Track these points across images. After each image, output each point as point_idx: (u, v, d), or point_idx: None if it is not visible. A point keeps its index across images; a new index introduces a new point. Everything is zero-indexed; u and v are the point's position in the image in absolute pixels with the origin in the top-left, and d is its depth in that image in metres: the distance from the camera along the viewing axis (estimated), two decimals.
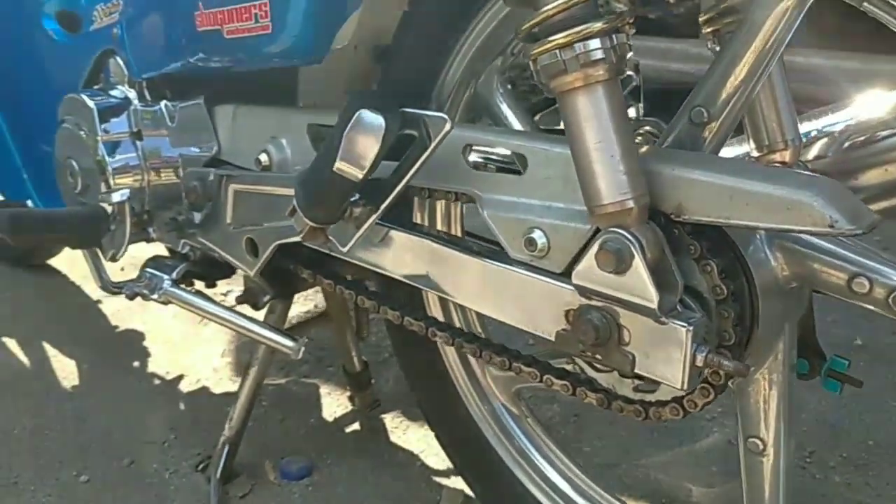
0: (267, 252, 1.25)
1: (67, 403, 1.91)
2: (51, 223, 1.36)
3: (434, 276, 1.07)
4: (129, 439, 1.78)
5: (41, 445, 1.77)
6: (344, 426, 1.82)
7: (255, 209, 1.25)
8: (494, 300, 1.01)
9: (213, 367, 2.05)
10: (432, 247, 1.06)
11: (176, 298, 1.47)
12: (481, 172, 1.02)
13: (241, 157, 1.32)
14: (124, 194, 1.39)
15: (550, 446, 1.30)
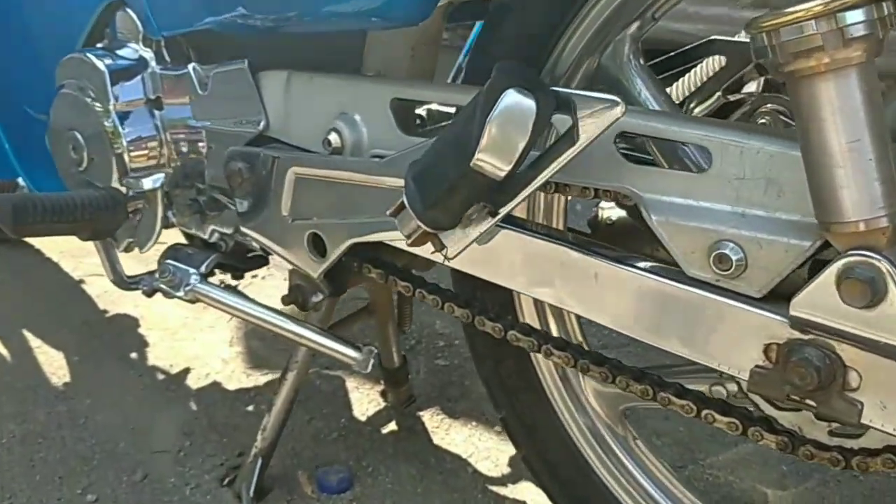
0: (338, 252, 1.04)
1: (60, 405, 1.67)
2: (61, 212, 1.12)
3: (569, 291, 0.88)
4: (138, 448, 1.56)
5: (35, 457, 1.54)
6: (379, 426, 1.63)
7: (324, 200, 1.04)
8: (659, 326, 0.82)
9: (221, 358, 1.83)
10: (571, 256, 0.86)
11: (207, 297, 1.25)
12: (643, 168, 0.83)
13: (300, 136, 1.09)
14: (158, 179, 1.16)
15: (664, 473, 1.13)
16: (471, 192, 0.79)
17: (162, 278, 1.28)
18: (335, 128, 1.03)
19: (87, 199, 1.15)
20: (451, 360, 1.83)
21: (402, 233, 0.85)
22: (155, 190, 1.18)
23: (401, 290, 1.09)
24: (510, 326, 1.01)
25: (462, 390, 1.73)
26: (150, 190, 1.17)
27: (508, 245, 0.90)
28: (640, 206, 0.82)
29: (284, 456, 1.49)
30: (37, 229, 1.10)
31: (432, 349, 1.86)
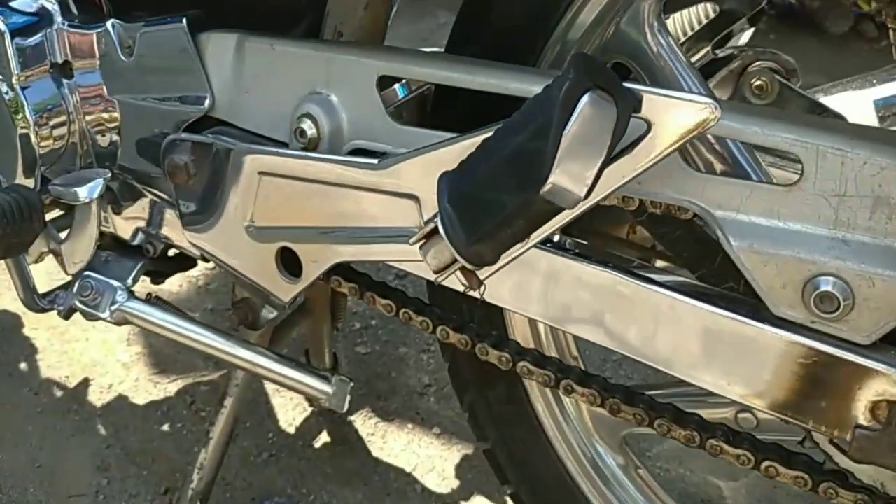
0: (317, 273, 0.87)
1: None
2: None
3: (622, 328, 0.74)
4: (51, 493, 1.34)
5: None
6: (311, 440, 1.47)
7: (299, 206, 0.86)
8: (733, 373, 0.70)
9: (121, 363, 1.61)
10: (629, 287, 0.73)
11: (139, 318, 1.04)
12: (714, 178, 0.70)
13: (261, 121, 0.90)
14: (95, 188, 0.94)
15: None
16: (533, 222, 0.64)
17: (82, 296, 1.05)
18: (308, 113, 0.84)
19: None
20: (373, 346, 1.67)
21: (430, 265, 0.69)
22: (90, 202, 0.96)
23: (381, 308, 0.93)
24: (520, 357, 0.87)
25: (390, 384, 1.59)
26: (86, 201, 0.94)
27: (546, 272, 0.76)
28: (712, 227, 0.69)
29: (215, 489, 1.29)
30: None
31: (349, 333, 1.70)
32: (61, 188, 0.95)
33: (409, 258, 0.78)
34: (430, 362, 1.63)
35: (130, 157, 1.01)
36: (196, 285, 1.82)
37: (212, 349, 1.01)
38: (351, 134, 0.84)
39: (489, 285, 0.71)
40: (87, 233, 0.99)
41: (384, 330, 1.71)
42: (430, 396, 1.56)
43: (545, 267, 0.76)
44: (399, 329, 1.71)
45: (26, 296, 1.11)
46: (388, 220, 0.79)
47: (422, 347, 1.67)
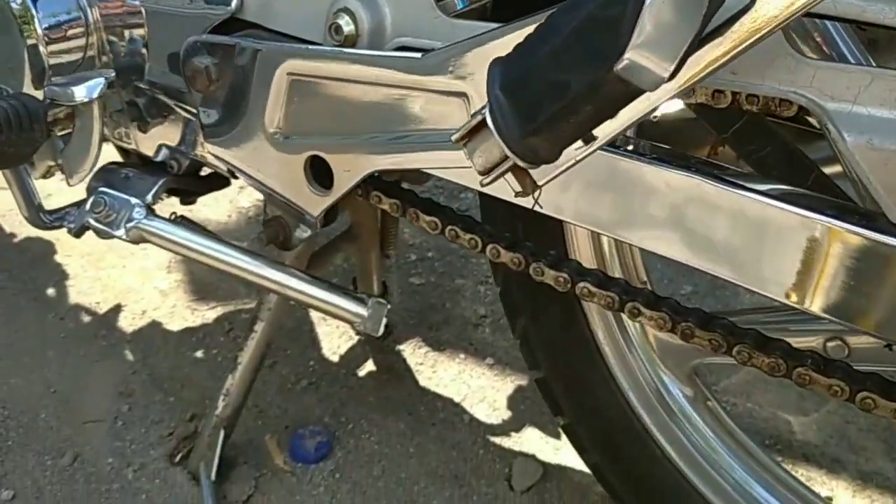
0: (351, 183, 0.78)
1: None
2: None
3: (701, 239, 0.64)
4: (64, 419, 1.27)
5: None
6: (355, 368, 1.39)
7: (331, 111, 0.76)
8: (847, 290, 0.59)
9: (159, 290, 1.54)
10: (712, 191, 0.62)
11: (158, 236, 0.97)
12: (829, 64, 0.58)
13: (292, 20, 0.80)
14: (94, 87, 0.85)
15: (744, 442, 0.94)
16: (602, 109, 0.53)
17: (94, 213, 0.98)
18: (345, 7, 0.74)
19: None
20: (428, 278, 1.59)
21: (476, 165, 0.59)
22: (91, 102, 0.87)
23: (425, 225, 0.84)
24: (580, 277, 0.77)
25: (444, 315, 1.50)
26: (84, 100, 0.86)
27: (616, 178, 0.65)
28: (822, 122, 0.58)
29: (246, 415, 1.23)
30: None
31: (404, 265, 1.61)
32: (58, 88, 0.86)
33: (452, 164, 0.68)
34: (487, 294, 1.55)
35: (158, 70, 0.93)
36: (246, 216, 1.74)
37: (237, 269, 0.93)
38: (395, 30, 0.74)
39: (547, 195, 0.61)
40: (87, 138, 0.91)
41: (441, 262, 1.62)
42: (486, 328, 1.48)
43: (615, 172, 0.65)
44: (456, 262, 1.62)
45: (30, 213, 1.04)
46: (430, 123, 0.70)
47: (480, 279, 1.58)
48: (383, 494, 1.18)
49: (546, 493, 1.18)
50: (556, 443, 1.26)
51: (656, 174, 0.64)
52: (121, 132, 1.02)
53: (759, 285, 0.62)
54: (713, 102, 0.62)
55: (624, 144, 0.69)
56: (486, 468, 1.22)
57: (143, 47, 0.94)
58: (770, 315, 0.88)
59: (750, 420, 1.29)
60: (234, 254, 0.93)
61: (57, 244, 1.63)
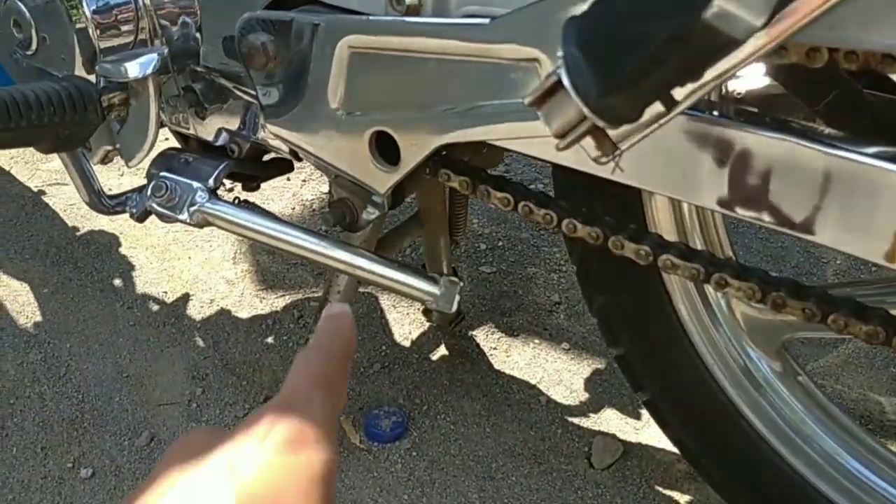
0: (418, 158, 0.76)
1: (32, 353, 1.39)
2: (8, 116, 0.80)
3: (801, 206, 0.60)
4: (139, 402, 1.30)
5: (7, 424, 1.27)
6: (428, 353, 1.38)
7: (395, 84, 0.74)
8: None
9: (226, 279, 1.55)
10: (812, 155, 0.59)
11: (221, 219, 0.97)
12: None
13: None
14: (148, 63, 0.85)
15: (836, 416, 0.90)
16: (689, 62, 0.50)
17: (156, 197, 0.98)
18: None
19: (45, 96, 0.83)
20: (499, 266, 1.57)
21: (551, 129, 0.56)
22: (145, 78, 0.87)
23: (497, 202, 0.81)
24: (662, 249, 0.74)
25: (516, 301, 1.48)
26: (136, 79, 0.85)
27: (701, 144, 0.62)
28: None
29: None
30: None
31: (474, 254, 1.60)
32: (110, 66, 0.86)
33: (525, 134, 0.66)
34: (560, 281, 1.52)
35: (212, 52, 0.92)
36: (310, 209, 1.74)
37: (305, 250, 0.93)
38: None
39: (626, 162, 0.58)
40: (144, 118, 0.91)
41: (511, 251, 1.60)
42: (560, 313, 1.45)
43: (700, 136, 0.62)
44: (527, 251, 1.60)
45: (90, 197, 1.05)
46: (500, 93, 0.67)
47: (552, 267, 1.55)
48: (461, 471, 1.17)
49: (627, 469, 1.17)
50: (636, 423, 1.24)
51: (747, 138, 0.60)
52: (178, 118, 1.02)
53: (863, 251, 0.58)
54: (807, 62, 0.58)
55: (708, 108, 0.65)
56: (564, 446, 1.21)
57: (197, 29, 0.94)
58: (863, 289, 0.84)
59: (840, 401, 1.25)
60: (301, 235, 0.93)
61: (122, 237, 1.65)
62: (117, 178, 1.82)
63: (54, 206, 1.76)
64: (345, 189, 0.95)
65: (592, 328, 1.41)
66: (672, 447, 1.07)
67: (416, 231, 1.22)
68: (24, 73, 1.00)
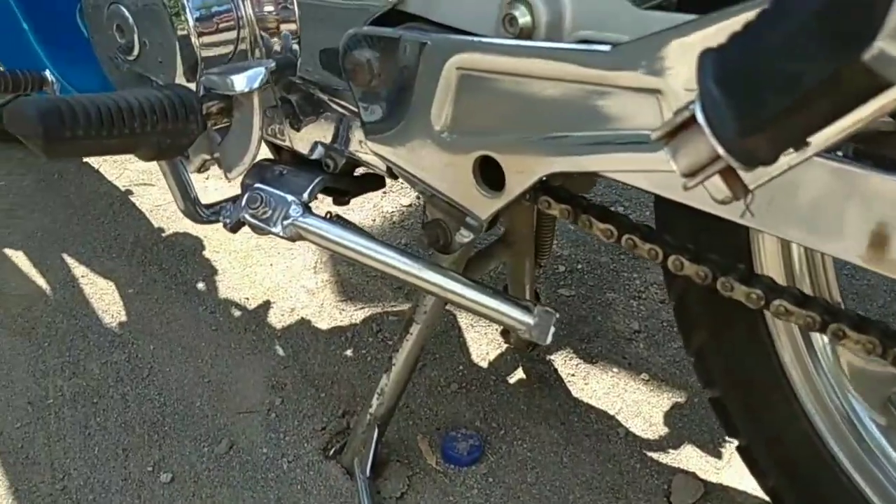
0: (524, 185, 0.73)
1: (116, 353, 1.41)
2: (113, 124, 0.80)
3: None
4: (219, 408, 1.30)
5: (90, 423, 1.28)
6: (505, 375, 1.35)
7: (504, 108, 0.72)
8: None
9: (306, 289, 1.55)
10: None
11: (315, 234, 0.96)
12: None
13: (460, 12, 0.76)
14: (256, 77, 0.85)
15: None
16: (838, 104, 0.46)
17: (251, 208, 0.98)
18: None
19: (148, 104, 0.83)
20: (577, 290, 1.53)
21: (679, 167, 0.53)
22: (251, 92, 0.86)
23: (599, 233, 0.78)
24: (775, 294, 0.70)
25: (595, 327, 1.44)
26: (246, 90, 0.85)
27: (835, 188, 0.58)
28: None
29: (397, 415, 1.22)
30: (78, 147, 0.80)
31: (553, 276, 1.57)
32: (216, 78, 0.85)
33: (643, 167, 0.63)
34: (640, 309, 1.48)
35: (312, 64, 0.92)
36: (390, 220, 1.74)
37: (398, 271, 0.91)
38: (576, 22, 0.69)
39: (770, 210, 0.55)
40: (247, 130, 0.90)
41: (591, 275, 1.57)
42: (639, 342, 1.41)
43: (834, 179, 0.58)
44: (606, 275, 1.56)
45: (186, 205, 1.05)
46: (617, 122, 0.64)
47: (632, 294, 1.52)
48: (537, 501, 1.14)
49: None
50: (718, 462, 1.19)
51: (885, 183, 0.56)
52: (274, 129, 1.02)
53: None
54: None
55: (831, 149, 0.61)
56: (643, 482, 1.16)
57: (296, 41, 0.93)
58: None
59: None
60: (393, 255, 0.91)
61: (205, 241, 1.67)
62: (202, 183, 1.83)
63: (141, 207, 1.78)
64: (439, 210, 0.93)
65: (672, 359, 1.36)
66: (756, 491, 1.03)
67: (503, 253, 1.19)
68: (123, 78, 1.01)
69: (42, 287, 1.55)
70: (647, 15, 0.64)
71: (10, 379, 1.36)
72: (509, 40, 0.69)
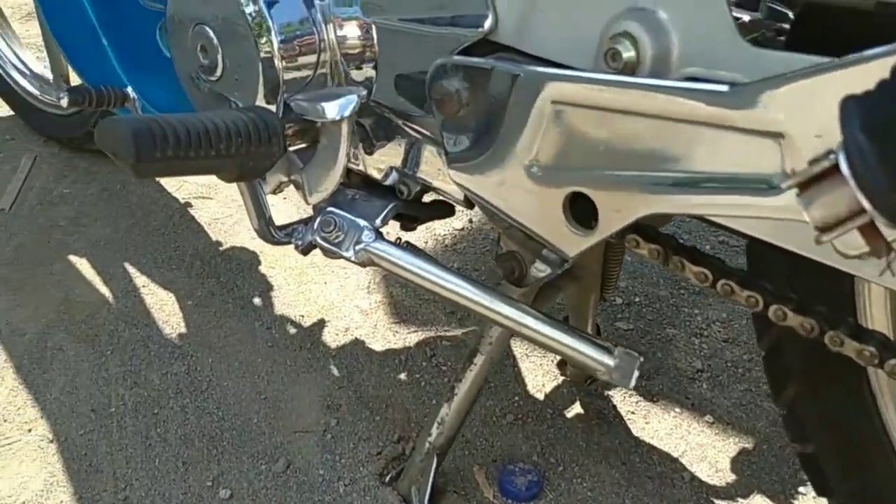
0: (619, 225, 0.68)
1: (177, 364, 1.38)
2: (200, 145, 0.77)
3: None
4: (276, 425, 1.26)
5: (151, 433, 1.25)
6: (562, 409, 1.30)
7: (601, 145, 0.67)
8: None
9: (360, 309, 1.51)
10: None
11: (387, 261, 0.92)
12: None
13: (552, 44, 0.72)
14: (347, 105, 0.81)
15: None
16: None
17: (323, 232, 0.94)
18: (625, 31, 0.65)
19: (234, 126, 0.80)
20: (636, 324, 1.48)
21: (812, 217, 0.49)
22: (340, 122, 0.82)
23: (692, 276, 0.73)
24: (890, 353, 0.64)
25: (655, 364, 1.38)
26: (335, 119, 0.81)
27: None
28: None
29: (453, 444, 1.16)
30: (166, 167, 0.76)
31: (610, 308, 1.51)
32: (306, 103, 0.82)
33: (759, 213, 0.58)
34: (702, 347, 1.42)
35: (389, 90, 0.88)
36: (443, 244, 1.69)
37: (470, 302, 0.87)
38: (684, 59, 0.63)
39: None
40: (333, 157, 0.86)
41: (649, 308, 1.51)
42: (703, 382, 1.35)
43: None
44: (666, 309, 1.50)
45: (261, 226, 1.02)
46: (732, 164, 0.59)
47: (694, 331, 1.45)
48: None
49: None
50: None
51: None
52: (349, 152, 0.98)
53: None
54: None
55: None
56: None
57: (374, 66, 0.89)
58: None
59: None
60: (466, 285, 0.87)
61: (261, 255, 1.64)
62: None
63: (199, 219, 1.76)
64: (515, 242, 0.89)
65: (738, 402, 1.30)
66: None
67: (570, 285, 1.14)
68: (203, 97, 0.98)
69: (105, 295, 1.53)
70: (763, 54, 0.59)
71: (74, 385, 1.33)
72: (613, 75, 0.64)
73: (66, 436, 1.24)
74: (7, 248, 1.66)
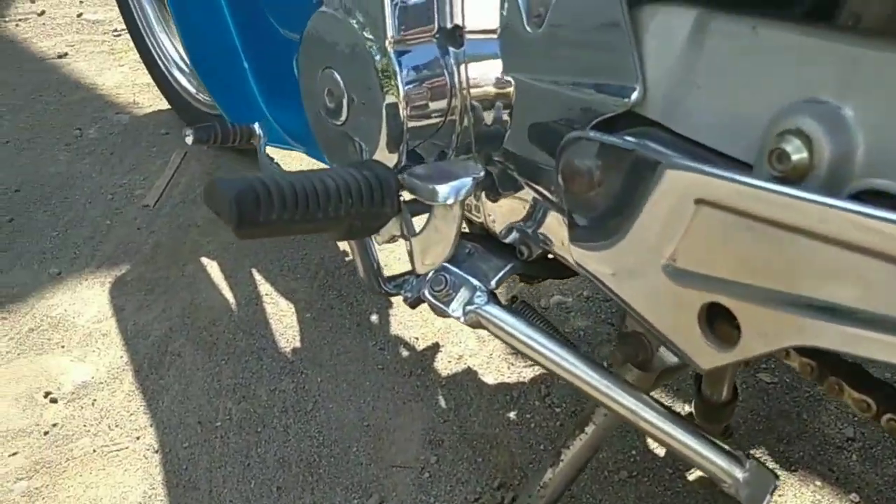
0: (764, 349, 0.56)
1: (286, 380, 1.33)
2: (307, 207, 0.69)
3: None
4: (374, 457, 1.19)
5: (252, 453, 1.21)
6: (683, 469, 1.17)
7: (760, 259, 0.54)
8: None
9: (476, 336, 1.42)
10: None
11: (497, 328, 0.82)
12: None
13: (707, 127, 0.60)
14: (461, 188, 0.72)
15: None
16: None
17: (434, 290, 0.86)
18: (797, 128, 0.52)
19: (345, 187, 0.71)
20: (780, 377, 1.31)
21: None
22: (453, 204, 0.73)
23: (851, 402, 0.60)
24: None
25: (799, 427, 1.22)
26: (448, 201, 0.72)
27: None
28: None
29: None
30: (269, 230, 0.69)
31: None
32: (418, 182, 0.72)
33: None
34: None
35: (519, 146, 0.77)
36: (558, 302, 1.57)
37: (586, 385, 0.76)
38: (866, 167, 0.51)
39: None
40: (443, 236, 0.77)
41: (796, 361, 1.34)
42: (852, 453, 1.18)
43: None
44: None
45: (368, 278, 0.95)
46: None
47: None
48: None
49: None
50: None
51: None
52: (470, 203, 0.88)
53: None
54: None
55: None
56: None
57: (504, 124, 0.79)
58: None
59: None
60: (581, 365, 0.76)
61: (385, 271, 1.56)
62: None
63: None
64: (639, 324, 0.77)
65: (893, 480, 1.13)
66: None
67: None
68: (328, 136, 0.90)
69: (228, 301, 1.50)
70: None
71: (186, 395, 1.31)
72: (776, 185, 0.52)
73: (170, 447, 1.22)
74: (146, 246, 1.66)
